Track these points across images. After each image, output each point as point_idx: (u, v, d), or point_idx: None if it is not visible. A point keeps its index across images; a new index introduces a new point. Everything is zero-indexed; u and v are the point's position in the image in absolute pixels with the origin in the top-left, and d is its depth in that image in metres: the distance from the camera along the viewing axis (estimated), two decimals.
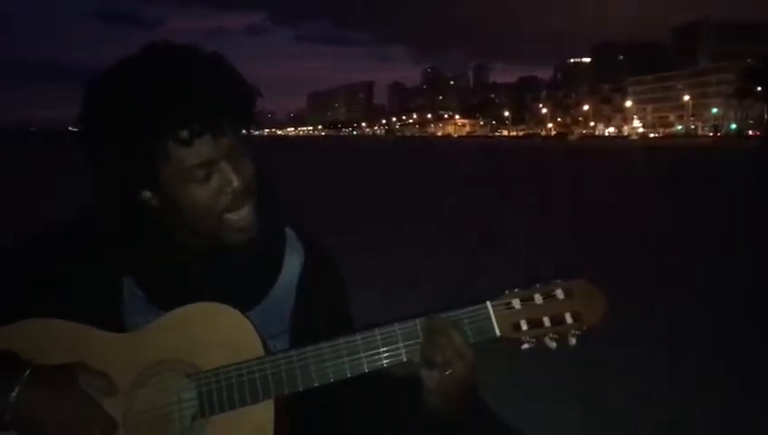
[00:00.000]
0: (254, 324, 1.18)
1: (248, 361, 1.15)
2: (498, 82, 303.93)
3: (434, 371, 1.15)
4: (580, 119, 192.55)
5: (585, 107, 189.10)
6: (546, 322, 1.18)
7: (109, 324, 1.20)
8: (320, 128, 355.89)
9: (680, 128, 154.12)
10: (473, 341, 1.17)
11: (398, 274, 5.68)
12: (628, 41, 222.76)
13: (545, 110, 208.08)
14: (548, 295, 1.19)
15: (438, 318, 1.17)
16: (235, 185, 1.16)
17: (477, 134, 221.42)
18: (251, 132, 1.22)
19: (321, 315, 1.32)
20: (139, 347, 1.17)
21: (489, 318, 1.18)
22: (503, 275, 5.50)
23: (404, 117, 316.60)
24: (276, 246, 1.33)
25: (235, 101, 1.15)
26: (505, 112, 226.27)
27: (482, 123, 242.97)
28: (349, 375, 1.16)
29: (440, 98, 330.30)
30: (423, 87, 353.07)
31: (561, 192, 14.16)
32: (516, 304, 1.18)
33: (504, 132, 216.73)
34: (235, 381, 1.15)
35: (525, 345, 1.19)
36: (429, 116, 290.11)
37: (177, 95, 1.09)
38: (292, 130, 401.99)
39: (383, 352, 1.16)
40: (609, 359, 3.50)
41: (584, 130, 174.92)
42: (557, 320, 1.18)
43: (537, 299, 1.19)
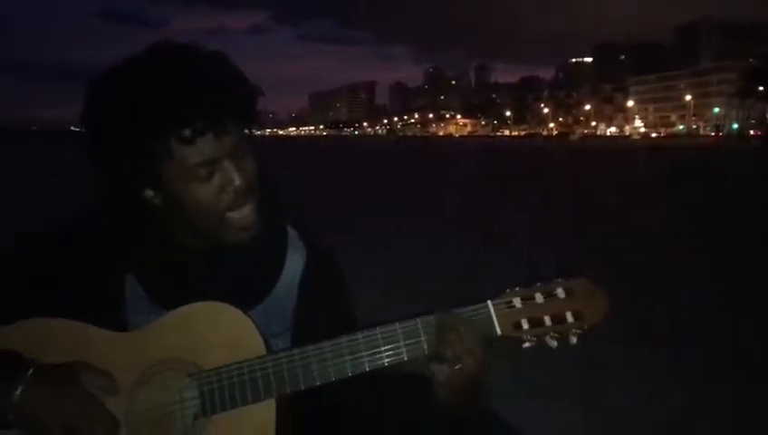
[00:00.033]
0: (255, 323, 1.18)
1: (250, 360, 1.16)
2: (500, 81, 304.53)
3: (444, 365, 1.16)
4: (581, 118, 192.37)
5: (587, 107, 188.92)
6: (547, 321, 1.18)
7: (111, 324, 1.20)
8: (321, 128, 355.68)
9: (682, 128, 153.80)
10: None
11: (399, 273, 5.67)
12: (629, 40, 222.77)
13: (547, 109, 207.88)
14: (549, 294, 1.19)
15: (449, 314, 1.18)
16: (237, 184, 1.17)
17: (479, 134, 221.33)
18: (253, 132, 1.22)
19: (323, 314, 1.33)
20: (141, 346, 1.17)
21: (490, 317, 1.18)
22: (504, 274, 5.48)
23: (406, 117, 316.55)
24: (278, 246, 1.33)
25: (237, 99, 1.15)
26: (507, 112, 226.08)
27: (483, 123, 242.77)
28: (350, 374, 1.16)
29: (442, 98, 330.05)
30: (425, 87, 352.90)
31: (563, 192, 14.13)
32: (517, 302, 1.19)
33: (506, 132, 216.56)
34: (236, 380, 1.15)
35: (526, 344, 1.19)
36: (431, 116, 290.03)
37: (179, 94, 1.09)
38: (294, 130, 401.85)
39: (384, 351, 1.17)
40: (610, 358, 3.49)
41: (586, 130, 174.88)
42: (558, 319, 1.18)
43: (538, 298, 1.19)
